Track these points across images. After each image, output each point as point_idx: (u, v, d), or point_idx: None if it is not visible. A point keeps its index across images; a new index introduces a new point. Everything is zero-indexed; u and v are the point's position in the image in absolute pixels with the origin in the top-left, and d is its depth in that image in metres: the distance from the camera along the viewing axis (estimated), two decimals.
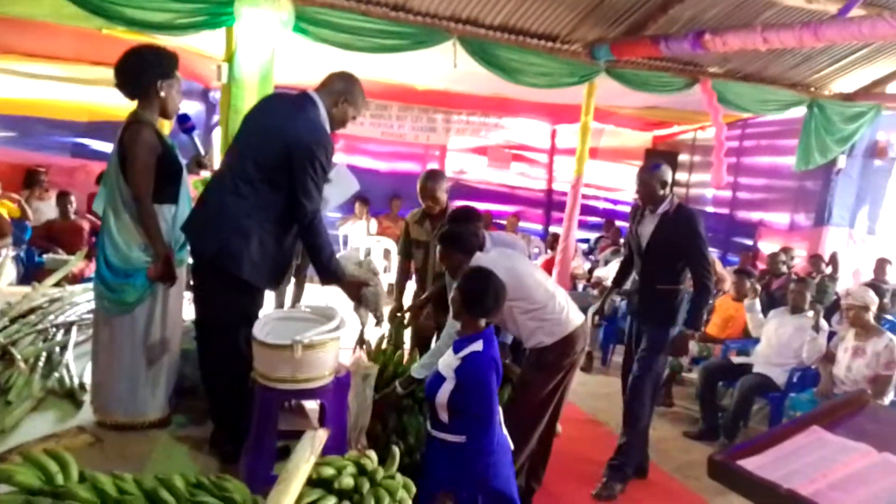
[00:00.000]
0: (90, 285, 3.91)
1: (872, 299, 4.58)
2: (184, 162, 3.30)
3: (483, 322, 2.57)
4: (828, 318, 5.78)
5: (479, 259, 3.27)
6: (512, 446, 2.69)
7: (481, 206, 10.08)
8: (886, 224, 8.60)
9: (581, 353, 3.51)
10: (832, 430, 1.32)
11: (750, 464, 1.19)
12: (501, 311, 2.75)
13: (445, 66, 6.12)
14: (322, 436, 2.35)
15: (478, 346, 2.49)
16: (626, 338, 4.25)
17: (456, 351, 2.52)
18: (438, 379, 2.50)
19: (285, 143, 2.78)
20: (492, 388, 2.44)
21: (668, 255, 3.89)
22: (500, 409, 2.61)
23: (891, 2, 5.76)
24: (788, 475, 1.16)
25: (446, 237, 3.37)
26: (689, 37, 5.50)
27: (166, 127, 4.32)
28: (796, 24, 5.16)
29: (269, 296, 3.75)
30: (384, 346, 3.53)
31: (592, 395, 5.73)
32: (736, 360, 5.32)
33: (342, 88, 3.00)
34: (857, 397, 1.45)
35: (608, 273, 7.22)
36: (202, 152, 3.41)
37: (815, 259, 7.77)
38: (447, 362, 2.52)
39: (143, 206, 2.99)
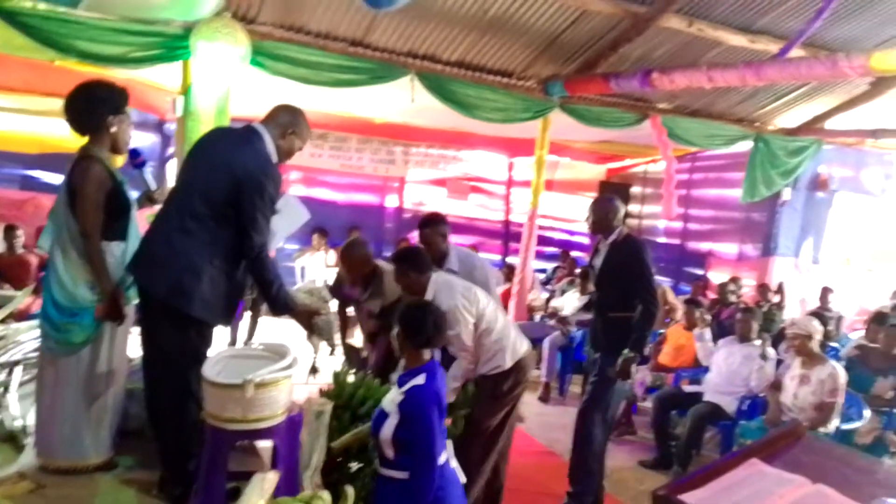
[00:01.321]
0: (37, 322, 3.81)
1: (816, 328, 4.73)
2: (135, 196, 3.27)
3: (427, 354, 2.57)
4: (775, 346, 5.94)
5: (436, 281, 3.34)
6: (464, 479, 2.68)
7: None
8: (829, 254, 8.91)
9: (528, 381, 3.59)
10: (770, 463, 1.36)
11: (691, 497, 1.23)
12: (444, 338, 2.75)
13: (403, 100, 6.20)
14: (272, 478, 2.31)
15: (420, 379, 2.48)
16: (585, 368, 4.30)
17: (399, 385, 2.52)
18: (382, 415, 2.49)
19: (233, 176, 2.76)
20: (433, 422, 2.43)
21: (617, 284, 3.99)
22: (450, 442, 2.60)
23: (828, 42, 6.06)
24: None
25: (399, 257, 3.43)
26: (637, 75, 5.68)
27: (119, 161, 4.26)
28: (739, 63, 5.37)
29: (223, 331, 3.69)
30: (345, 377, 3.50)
31: (550, 426, 5.75)
32: (688, 388, 5.41)
33: (288, 120, 3.02)
34: (793, 429, 1.50)
35: (564, 303, 7.31)
36: (153, 187, 3.38)
37: (762, 288, 7.99)
38: (391, 398, 2.52)
39: (90, 244, 2.94)
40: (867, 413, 4.79)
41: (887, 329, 5.40)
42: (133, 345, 3.42)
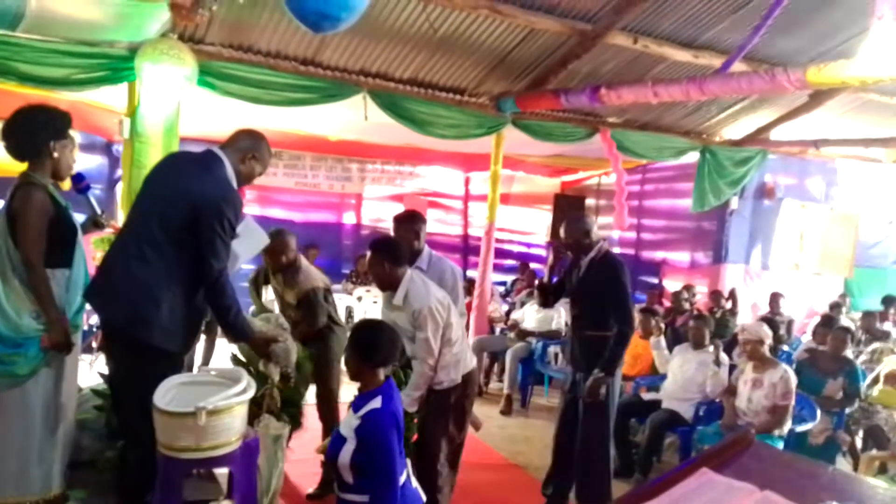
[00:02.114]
0: None
1: (766, 333, 4.86)
2: (81, 221, 3.19)
3: (382, 375, 2.55)
4: (729, 351, 6.07)
5: (412, 278, 3.35)
6: (424, 498, 2.67)
7: None
8: (778, 259, 9.18)
9: (465, 399, 3.64)
10: (720, 471, 1.39)
11: None
12: (398, 355, 2.72)
13: (357, 117, 6.19)
14: None
15: (377, 402, 2.46)
16: (568, 385, 4.23)
17: (355, 410, 2.49)
18: (339, 440, 2.46)
19: (192, 202, 2.73)
20: (392, 446, 2.41)
21: (593, 302, 3.99)
22: (409, 461, 2.59)
23: (768, 56, 6.27)
24: None
25: (378, 246, 3.39)
26: (586, 91, 5.78)
27: (64, 185, 4.16)
28: (683, 78, 5.52)
29: None
30: None
31: (511, 438, 5.78)
32: (646, 396, 5.50)
33: (249, 146, 3.00)
34: (743, 436, 1.54)
35: (524, 315, 7.37)
36: (98, 211, 3.31)
37: (715, 295, 8.18)
38: (348, 423, 2.49)
39: (34, 272, 2.86)
40: (819, 414, 4.92)
41: (834, 332, 5.57)
42: (82, 374, 3.33)
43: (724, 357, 5.33)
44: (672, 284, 9.07)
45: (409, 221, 4.05)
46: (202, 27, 5.20)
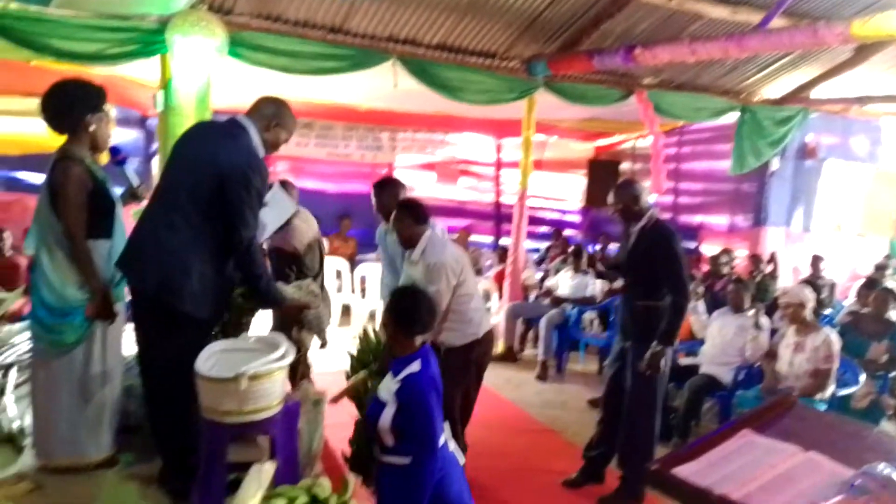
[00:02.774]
0: (28, 324, 3.79)
1: (808, 296, 4.76)
2: (119, 193, 3.24)
3: (419, 340, 2.57)
4: (769, 315, 5.97)
5: (430, 237, 3.58)
6: (463, 460, 2.70)
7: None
8: (820, 221, 8.95)
9: (485, 357, 3.78)
10: (762, 433, 1.37)
11: (684, 471, 1.23)
12: (434, 325, 2.75)
13: (387, 85, 6.15)
14: (269, 468, 2.31)
15: (416, 366, 2.48)
16: (615, 353, 4.15)
17: (395, 374, 2.51)
18: (379, 404, 2.49)
19: (219, 171, 2.74)
20: (432, 408, 2.44)
21: (644, 272, 3.89)
22: (447, 424, 2.61)
23: (809, 11, 6.04)
24: (721, 480, 1.20)
25: (404, 204, 3.64)
26: (620, 51, 5.65)
27: (103, 159, 4.22)
28: (721, 35, 5.36)
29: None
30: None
31: (548, 403, 5.80)
32: (684, 361, 5.45)
33: (273, 112, 2.99)
34: (785, 399, 1.51)
35: (559, 282, 7.33)
36: (135, 183, 3.35)
37: (754, 258, 8.03)
38: (386, 386, 2.52)
39: (76, 244, 2.92)
40: (862, 378, 4.83)
41: (877, 294, 5.44)
42: (127, 342, 3.41)
43: (764, 321, 5.25)
44: (710, 249, 8.93)
45: (390, 187, 4.12)
46: None
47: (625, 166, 10.63)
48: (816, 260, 7.81)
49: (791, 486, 1.19)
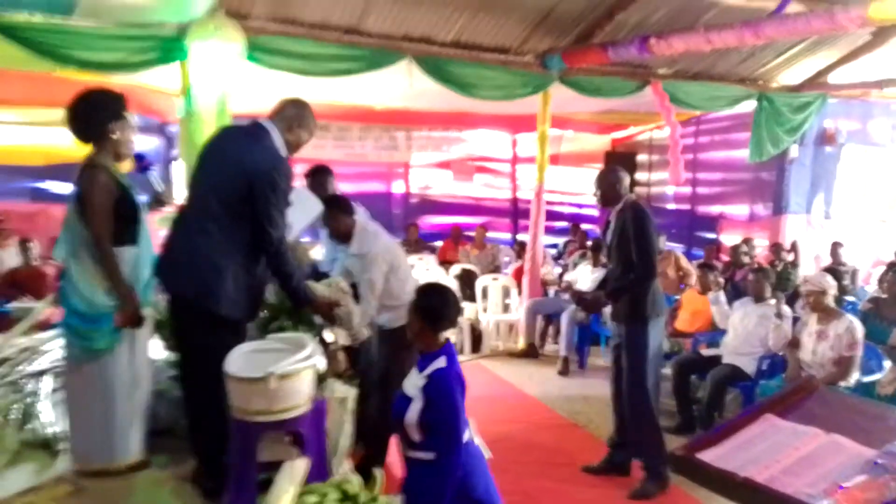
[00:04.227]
0: (59, 331, 3.87)
1: (829, 284, 4.73)
2: (143, 200, 3.31)
3: (444, 337, 2.60)
4: (791, 304, 5.94)
5: (363, 227, 3.79)
6: (489, 454, 2.72)
7: (449, 219, 10.20)
8: (841, 208, 8.85)
9: None
10: (784, 417, 1.39)
11: (708, 455, 1.25)
12: (457, 320, 2.80)
13: (402, 85, 6.19)
14: (301, 464, 2.36)
15: (441, 362, 2.51)
16: (614, 339, 4.29)
17: (420, 369, 2.55)
18: (405, 400, 2.52)
19: (245, 174, 2.81)
20: (458, 404, 2.47)
21: (624, 252, 4.04)
22: (472, 420, 2.64)
23: None
24: (745, 463, 1.22)
25: (331, 201, 3.82)
26: (635, 42, 5.64)
27: (126, 166, 4.30)
28: (737, 23, 5.32)
29: None
30: None
31: (570, 398, 5.81)
32: (706, 352, 5.44)
33: (294, 114, 3.05)
34: (806, 383, 1.53)
35: (577, 277, 7.32)
36: (160, 190, 3.42)
37: (775, 247, 7.97)
38: (413, 382, 2.55)
39: (102, 251, 2.98)
40: (887, 364, 4.79)
41: (892, 277, 5.38)
42: (154, 346, 3.48)
43: (786, 309, 5.22)
44: (730, 238, 8.86)
45: (324, 174, 4.37)
46: (247, 1, 5.26)
47: (642, 158, 10.58)
48: (836, 247, 7.74)
49: (814, 467, 1.21)
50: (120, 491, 3.01)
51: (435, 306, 2.59)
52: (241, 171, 2.81)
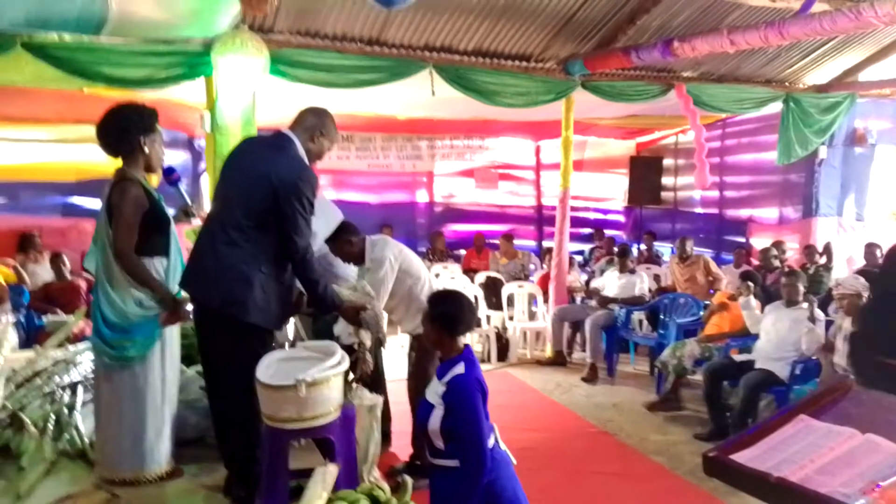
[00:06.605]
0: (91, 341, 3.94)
1: (864, 286, 4.63)
2: (172, 213, 3.36)
3: (461, 342, 2.59)
4: (824, 307, 5.82)
5: (373, 241, 3.96)
6: (514, 460, 2.70)
7: (473, 227, 10.21)
8: (873, 209, 8.68)
9: None
10: (818, 418, 1.36)
11: (742, 457, 1.23)
12: (474, 325, 2.81)
13: (424, 94, 6.22)
14: (332, 471, 2.37)
15: (460, 368, 2.50)
16: None
17: (440, 377, 2.54)
18: (428, 407, 2.51)
19: (270, 184, 2.83)
20: (478, 409, 2.45)
21: None
22: (496, 424, 2.62)
23: None
24: (778, 464, 1.20)
25: (341, 228, 3.91)
26: (658, 45, 5.61)
27: (154, 180, 4.37)
28: (761, 23, 5.27)
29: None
30: None
31: (599, 406, 5.75)
32: (738, 357, 5.35)
33: (315, 123, 3.07)
34: (841, 384, 1.49)
35: (605, 283, 7.27)
36: (189, 202, 3.47)
37: (808, 250, 7.83)
38: (433, 389, 2.54)
39: (126, 261, 3.03)
40: None
41: None
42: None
43: (818, 313, 5.12)
44: (760, 242, 8.73)
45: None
46: (270, 16, 5.34)
47: (668, 162, 10.49)
48: (870, 248, 7.57)
49: (849, 467, 1.19)
50: (152, 500, 3.04)
51: (450, 312, 2.59)
52: (267, 181, 2.84)
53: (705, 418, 5.22)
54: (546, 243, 10.00)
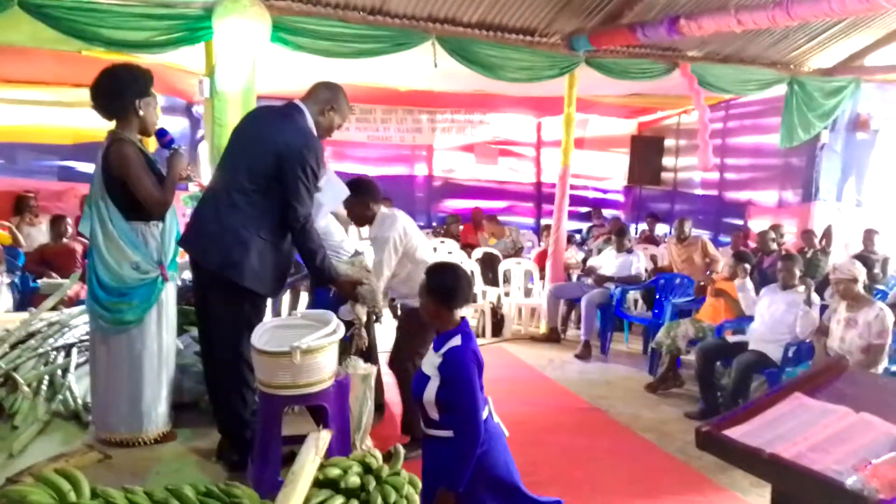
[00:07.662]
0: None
1: (860, 270, 4.63)
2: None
3: (458, 315, 2.59)
4: (820, 292, 5.83)
5: (384, 215, 3.84)
6: (507, 432, 2.72)
7: (472, 203, 10.19)
8: (873, 196, 8.67)
9: None
10: (813, 396, 1.36)
11: (735, 432, 1.24)
12: (471, 297, 2.78)
13: (426, 66, 6.16)
14: (325, 436, 2.38)
15: (457, 340, 2.50)
16: None
17: (437, 348, 2.54)
18: (423, 378, 2.52)
19: (276, 150, 2.85)
20: (474, 381, 2.46)
21: None
22: (490, 397, 2.64)
23: None
24: (772, 440, 1.21)
25: (360, 186, 3.83)
26: (664, 22, 5.55)
27: (151, 146, 4.34)
28: (769, 3, 5.20)
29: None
30: None
31: (592, 383, 5.78)
32: (731, 338, 5.37)
33: (328, 97, 3.08)
34: (835, 363, 1.50)
35: (601, 262, 7.27)
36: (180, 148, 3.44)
37: (807, 234, 7.83)
38: (430, 361, 2.55)
39: (163, 208, 3.10)
40: None
41: None
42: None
43: (815, 297, 5.13)
44: (758, 225, 8.72)
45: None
46: None
47: (669, 142, 10.44)
48: (869, 234, 7.57)
49: (843, 444, 1.19)
50: (146, 462, 3.07)
51: (447, 284, 2.58)
52: (274, 147, 2.86)
53: (697, 397, 5.25)
54: (544, 220, 9.99)
